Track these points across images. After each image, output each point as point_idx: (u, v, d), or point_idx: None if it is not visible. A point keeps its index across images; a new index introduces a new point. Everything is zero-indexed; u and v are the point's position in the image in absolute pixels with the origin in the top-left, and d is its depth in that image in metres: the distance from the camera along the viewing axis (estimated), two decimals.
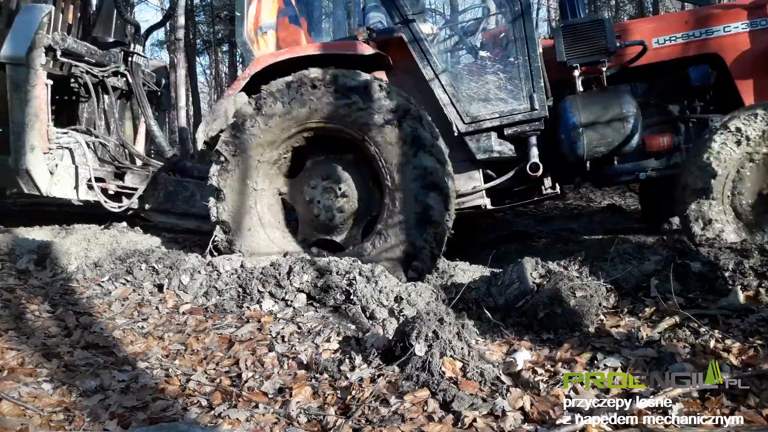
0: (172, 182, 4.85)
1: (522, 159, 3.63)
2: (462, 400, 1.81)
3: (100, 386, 2.05)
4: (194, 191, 4.73)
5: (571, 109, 3.56)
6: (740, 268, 2.61)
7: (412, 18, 3.65)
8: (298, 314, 2.78)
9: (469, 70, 3.80)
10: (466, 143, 3.65)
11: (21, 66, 4.22)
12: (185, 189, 4.79)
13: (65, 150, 4.57)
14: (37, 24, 4.25)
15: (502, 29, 3.87)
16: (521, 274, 2.80)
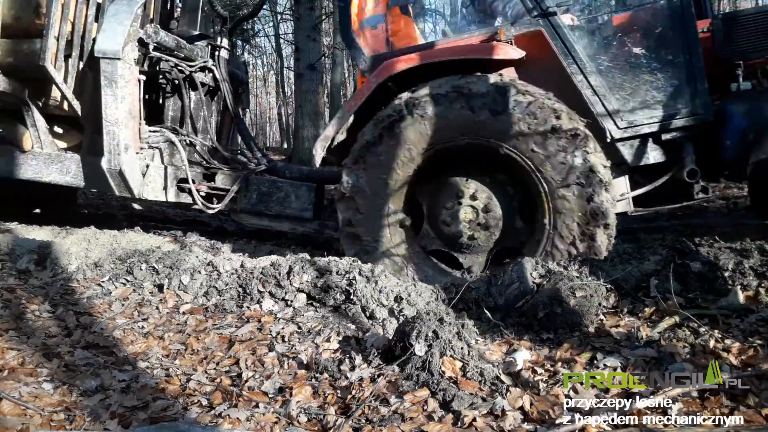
0: (266, 183, 4.57)
1: (676, 164, 3.38)
2: (462, 400, 1.81)
3: (101, 386, 2.05)
4: (288, 192, 4.48)
5: (739, 112, 3.27)
6: (740, 268, 2.61)
7: (553, 10, 3.35)
8: (298, 314, 2.78)
9: (622, 69, 3.44)
10: (617, 149, 3.38)
11: (116, 61, 4.00)
12: (279, 190, 4.51)
13: (155, 149, 4.40)
14: (132, 16, 4.04)
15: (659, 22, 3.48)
16: (521, 274, 2.81)
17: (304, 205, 4.36)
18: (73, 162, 4.34)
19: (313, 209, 4.36)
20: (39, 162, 4.34)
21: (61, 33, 4.02)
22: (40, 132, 4.35)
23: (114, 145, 4.04)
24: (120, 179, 4.11)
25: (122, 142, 4.05)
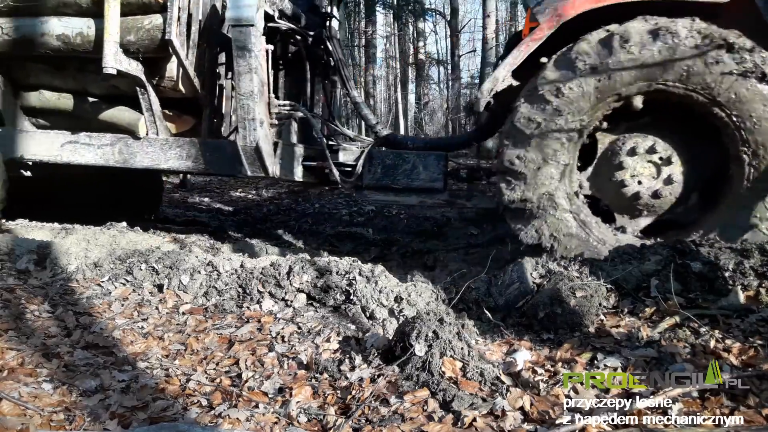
0: (390, 156, 4.33)
1: None
2: (462, 400, 1.81)
3: (101, 386, 2.05)
4: (416, 163, 4.20)
5: None
6: (740, 268, 2.61)
7: None
8: (298, 314, 2.78)
9: None
10: None
11: (249, 28, 3.74)
12: (405, 162, 4.23)
13: (282, 126, 4.16)
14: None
15: None
16: (521, 274, 2.81)
17: (433, 175, 4.12)
18: (192, 146, 4.16)
19: (443, 179, 4.15)
20: (155, 148, 4.18)
21: (182, 5, 3.88)
22: (155, 116, 4.15)
23: (249, 120, 3.80)
24: (255, 157, 3.87)
25: (257, 116, 3.80)
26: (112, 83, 4.22)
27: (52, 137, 4.40)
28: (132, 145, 4.24)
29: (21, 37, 4.13)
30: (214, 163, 4.16)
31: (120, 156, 4.24)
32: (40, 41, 4.08)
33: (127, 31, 3.92)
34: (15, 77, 4.49)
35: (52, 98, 4.50)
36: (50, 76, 4.47)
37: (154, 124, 4.16)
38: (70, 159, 4.35)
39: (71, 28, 4.03)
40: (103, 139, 4.28)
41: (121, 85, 4.22)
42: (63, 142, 4.36)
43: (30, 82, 4.52)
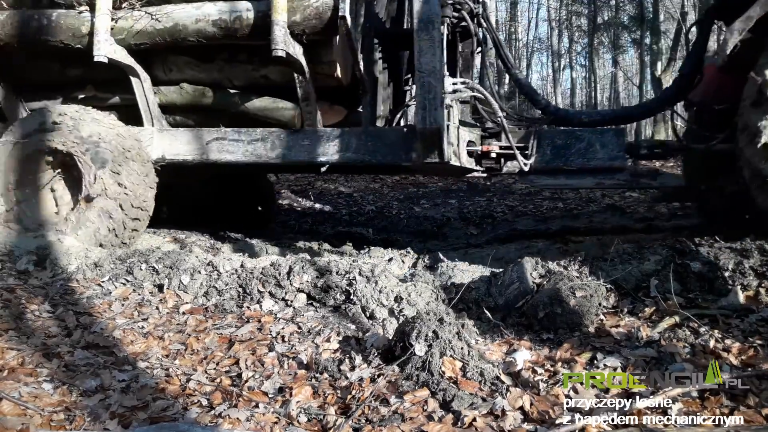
0: (561, 134, 3.99)
1: None
2: (462, 400, 1.81)
3: (101, 386, 2.05)
4: (591, 141, 3.84)
5: None
6: (740, 267, 2.61)
7: None
8: (298, 314, 2.78)
9: None
10: None
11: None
12: (579, 140, 3.87)
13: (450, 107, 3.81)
14: None
15: None
16: (521, 274, 2.81)
17: (612, 152, 3.78)
18: (353, 136, 3.93)
19: (623, 157, 3.81)
20: (312, 141, 3.97)
21: None
22: (312, 107, 3.94)
23: (430, 99, 3.51)
24: (433, 140, 3.58)
25: (439, 95, 3.53)
26: (262, 73, 4.06)
27: (195, 135, 4.19)
28: (286, 139, 4.02)
29: (172, 25, 3.91)
30: (377, 152, 3.89)
31: (272, 152, 4.02)
32: (193, 29, 3.87)
33: (293, 11, 3.66)
34: (155, 72, 4.30)
35: (194, 93, 4.29)
36: (194, 69, 4.25)
37: (310, 115, 3.95)
38: (216, 158, 4.12)
39: (229, 12, 3.81)
40: (253, 134, 4.07)
41: (273, 75, 4.05)
42: (208, 139, 4.14)
43: (171, 77, 4.32)
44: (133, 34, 3.98)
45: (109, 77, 4.30)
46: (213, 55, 4.13)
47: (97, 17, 3.88)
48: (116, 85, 4.35)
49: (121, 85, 4.32)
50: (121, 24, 3.96)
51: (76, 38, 4.00)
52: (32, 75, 4.48)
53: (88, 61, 4.11)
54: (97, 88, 4.42)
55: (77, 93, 4.45)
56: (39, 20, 4.01)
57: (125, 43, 3.98)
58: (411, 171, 4.89)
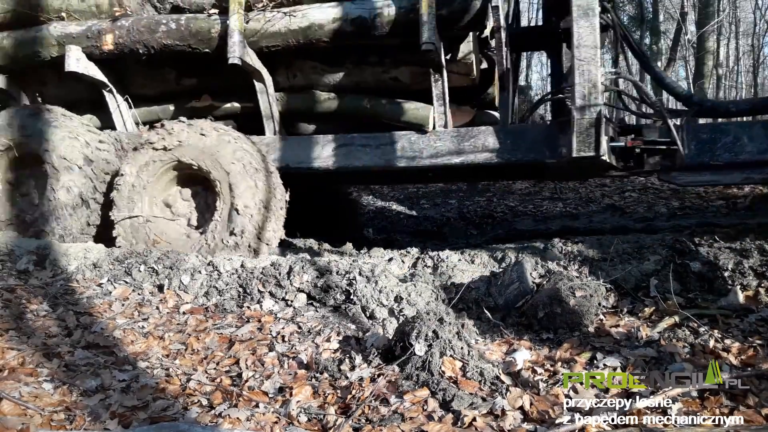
0: (705, 129, 3.81)
1: None
2: (462, 400, 1.81)
3: (101, 386, 2.05)
4: (738, 134, 3.66)
5: None
6: (739, 267, 2.61)
7: None
8: (299, 314, 2.78)
9: None
10: None
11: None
12: (725, 133, 3.70)
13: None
14: None
15: None
16: (521, 274, 2.81)
17: (762, 145, 3.59)
18: (489, 135, 3.77)
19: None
20: (446, 142, 3.82)
21: None
22: (445, 107, 3.78)
23: (590, 88, 3.39)
24: (591, 131, 3.39)
25: (599, 84, 3.40)
26: (392, 75, 3.95)
27: (320, 142, 4.06)
28: (417, 142, 3.87)
29: (307, 26, 3.77)
30: (517, 150, 3.72)
31: (403, 155, 3.88)
32: (329, 28, 3.74)
33: (440, 5, 3.52)
34: (278, 78, 4.19)
35: (321, 99, 4.17)
36: (319, 74, 4.13)
37: (443, 116, 3.79)
38: (344, 163, 3.98)
39: (369, 10, 3.68)
40: (382, 138, 3.94)
41: (402, 76, 3.95)
42: (336, 145, 4.01)
43: (294, 82, 4.21)
44: (265, 36, 3.86)
45: (227, 85, 4.23)
46: (341, 58, 4.03)
47: (230, 18, 3.76)
48: (233, 94, 4.30)
49: (238, 93, 4.24)
50: (253, 26, 3.85)
51: (204, 42, 3.92)
52: (147, 85, 4.44)
53: (206, 69, 4.09)
54: (214, 97, 4.36)
55: (192, 102, 4.41)
56: (167, 24, 3.94)
57: (256, 46, 3.88)
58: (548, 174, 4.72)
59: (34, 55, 4.24)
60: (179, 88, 4.42)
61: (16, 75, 4.54)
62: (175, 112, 4.49)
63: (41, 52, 4.22)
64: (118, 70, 4.34)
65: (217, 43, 3.89)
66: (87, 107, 4.57)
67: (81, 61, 4.09)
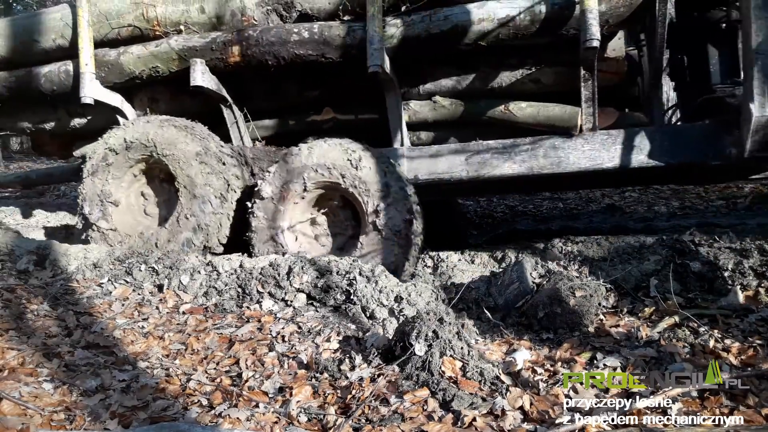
0: None
1: None
2: (462, 400, 1.81)
3: (101, 386, 2.06)
4: None
5: None
6: (739, 268, 2.61)
7: None
8: (298, 314, 2.78)
9: None
10: None
11: None
12: None
13: None
14: None
15: None
16: (521, 274, 2.81)
17: None
18: (644, 136, 3.54)
19: None
20: (595, 146, 3.61)
21: None
22: (594, 108, 3.56)
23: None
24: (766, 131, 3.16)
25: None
26: (534, 77, 3.74)
27: (453, 150, 3.83)
28: (562, 146, 3.65)
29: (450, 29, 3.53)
30: (676, 153, 3.52)
31: (546, 161, 3.65)
32: (474, 30, 3.50)
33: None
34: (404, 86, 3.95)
35: (450, 106, 3.95)
36: (451, 79, 3.92)
37: (591, 118, 3.58)
38: (480, 173, 3.75)
39: (518, 9, 3.44)
40: (521, 144, 3.72)
41: (545, 78, 3.76)
42: (468, 154, 3.78)
43: (422, 89, 4.00)
44: (401, 42, 3.62)
45: (351, 97, 4.08)
46: (478, 60, 3.80)
47: (369, 24, 3.51)
48: (358, 105, 4.14)
49: (363, 104, 4.09)
50: (389, 31, 3.61)
51: (338, 50, 3.70)
52: (267, 98, 4.27)
53: (329, 80, 3.93)
54: (336, 109, 4.19)
55: (312, 116, 4.25)
56: (300, 33, 3.73)
57: (391, 52, 3.63)
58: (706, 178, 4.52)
59: (153, 70, 4.09)
60: (299, 100, 4.22)
61: (129, 92, 4.38)
62: (293, 125, 4.34)
63: (160, 67, 4.06)
64: (235, 83, 4.15)
65: (350, 52, 3.68)
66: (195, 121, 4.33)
67: (206, 75, 3.92)
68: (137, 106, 4.47)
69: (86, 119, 4.62)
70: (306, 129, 4.29)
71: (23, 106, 4.63)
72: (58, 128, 4.76)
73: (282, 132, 4.41)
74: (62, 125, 4.72)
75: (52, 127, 4.76)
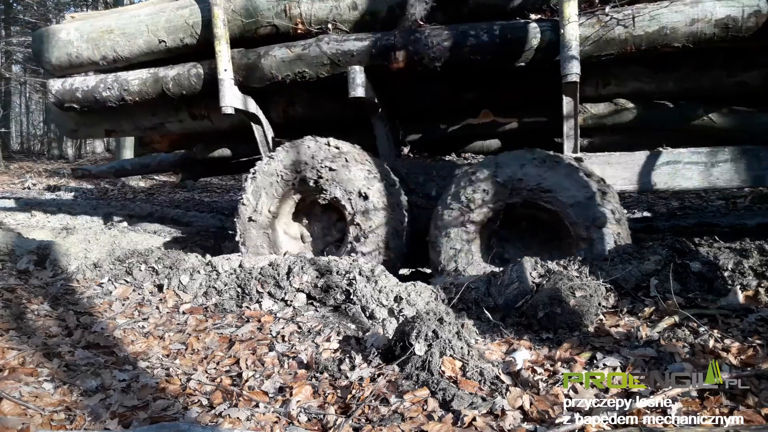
0: None
1: None
2: (461, 399, 1.82)
3: (101, 386, 2.06)
4: None
5: None
6: (739, 268, 2.61)
7: None
8: (298, 314, 2.79)
9: None
10: None
11: None
12: None
13: None
14: None
15: None
16: (521, 274, 2.81)
17: None
18: None
19: None
20: None
21: None
22: None
23: None
24: None
25: None
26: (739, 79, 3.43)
27: (636, 159, 3.51)
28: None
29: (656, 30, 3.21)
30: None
31: (748, 174, 3.34)
32: (684, 32, 3.20)
33: None
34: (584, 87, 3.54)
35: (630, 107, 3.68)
36: (642, 81, 3.60)
37: None
38: (667, 185, 3.46)
39: (741, 7, 3.12)
40: (720, 154, 3.40)
41: (752, 80, 3.44)
42: (658, 163, 3.47)
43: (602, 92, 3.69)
44: (596, 44, 3.30)
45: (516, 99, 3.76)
46: (679, 62, 3.48)
47: (566, 27, 3.15)
48: (523, 108, 3.83)
49: (530, 106, 3.79)
50: (583, 32, 3.28)
51: (519, 54, 3.37)
52: (417, 101, 3.95)
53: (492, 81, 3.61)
54: (496, 112, 3.87)
55: (467, 120, 3.92)
56: (477, 36, 3.39)
57: (583, 54, 3.30)
58: None
59: (298, 75, 3.71)
60: (453, 104, 3.91)
61: (263, 95, 4.06)
62: (443, 130, 4.03)
63: (307, 72, 3.67)
64: (381, 86, 3.76)
65: (535, 56, 3.35)
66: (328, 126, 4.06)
67: (365, 85, 3.56)
68: (272, 110, 4.19)
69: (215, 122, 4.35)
70: (458, 134, 3.99)
71: (143, 108, 4.35)
72: (177, 129, 4.53)
73: (430, 138, 4.08)
74: (182, 127, 4.48)
75: (170, 128, 4.52)
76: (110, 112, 4.37)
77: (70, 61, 4.22)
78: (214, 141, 4.75)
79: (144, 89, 4.06)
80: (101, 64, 4.19)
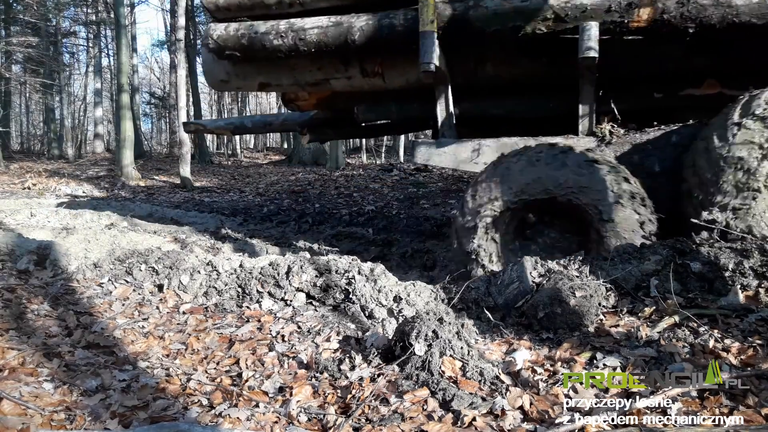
0: None
1: None
2: (461, 399, 1.82)
3: (101, 386, 2.06)
4: None
5: None
6: (740, 268, 2.61)
7: None
8: (298, 313, 2.79)
9: None
10: None
11: None
12: None
13: None
14: None
15: None
16: (521, 274, 2.81)
17: None
18: None
19: None
20: None
21: None
22: None
23: None
24: None
25: None
26: None
27: None
28: None
29: None
30: None
31: None
32: None
33: None
34: None
35: None
36: None
37: None
38: None
39: None
40: None
41: None
42: None
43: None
44: None
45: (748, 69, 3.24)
46: None
47: None
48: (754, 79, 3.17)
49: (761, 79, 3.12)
50: None
51: None
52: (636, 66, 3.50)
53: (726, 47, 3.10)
54: (723, 83, 3.43)
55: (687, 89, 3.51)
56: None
57: None
58: None
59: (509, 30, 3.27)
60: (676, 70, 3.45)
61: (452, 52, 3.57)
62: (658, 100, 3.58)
63: (523, 26, 3.23)
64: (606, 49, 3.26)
65: None
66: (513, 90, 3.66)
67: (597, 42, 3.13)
68: (455, 69, 3.75)
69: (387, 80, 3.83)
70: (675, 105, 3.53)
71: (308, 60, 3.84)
72: (342, 86, 4.04)
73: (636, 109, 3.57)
74: (349, 84, 3.98)
75: (334, 85, 4.02)
76: (270, 63, 3.92)
77: (239, 3, 3.82)
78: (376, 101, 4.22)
79: (323, 39, 3.58)
80: (273, 8, 3.80)
